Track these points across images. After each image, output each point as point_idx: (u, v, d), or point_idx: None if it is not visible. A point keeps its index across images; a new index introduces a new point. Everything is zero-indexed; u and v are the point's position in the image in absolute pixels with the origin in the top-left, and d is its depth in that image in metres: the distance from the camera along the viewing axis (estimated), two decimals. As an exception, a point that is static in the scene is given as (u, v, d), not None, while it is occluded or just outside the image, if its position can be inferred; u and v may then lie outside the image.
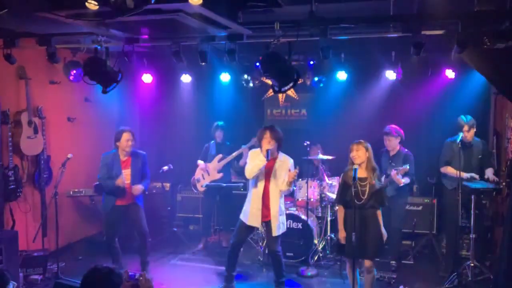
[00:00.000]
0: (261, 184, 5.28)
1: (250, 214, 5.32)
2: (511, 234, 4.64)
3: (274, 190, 5.26)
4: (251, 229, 5.45)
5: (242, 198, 6.97)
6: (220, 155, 6.95)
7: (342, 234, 4.86)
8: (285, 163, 5.27)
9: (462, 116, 5.89)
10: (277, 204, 5.26)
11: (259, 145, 5.27)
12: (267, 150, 5.09)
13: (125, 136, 5.75)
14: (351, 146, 4.81)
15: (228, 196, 7.18)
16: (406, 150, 6.18)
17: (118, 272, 2.86)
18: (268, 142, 5.14)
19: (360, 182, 4.70)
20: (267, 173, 5.25)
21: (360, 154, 4.74)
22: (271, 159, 5.18)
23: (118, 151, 5.83)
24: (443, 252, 6.55)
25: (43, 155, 6.39)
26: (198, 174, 7.11)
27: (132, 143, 5.81)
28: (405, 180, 5.89)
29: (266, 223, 5.33)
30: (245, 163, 5.49)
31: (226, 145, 7.06)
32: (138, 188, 5.80)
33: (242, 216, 5.41)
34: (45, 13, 4.07)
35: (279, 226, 5.28)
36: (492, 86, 6.21)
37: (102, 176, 5.81)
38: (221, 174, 6.96)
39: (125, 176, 5.77)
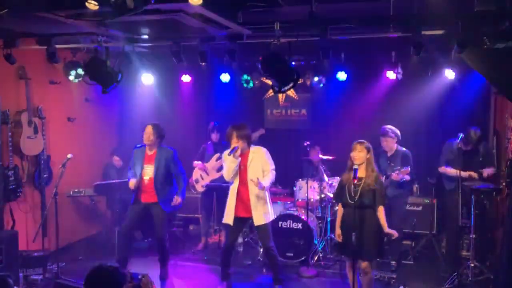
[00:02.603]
0: (236, 181, 5.32)
1: (226, 212, 5.39)
2: (511, 234, 4.63)
3: (253, 184, 5.24)
4: (232, 228, 5.37)
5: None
6: (218, 154, 6.94)
7: (337, 232, 4.91)
8: (258, 154, 5.31)
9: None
10: (258, 196, 5.27)
11: (228, 142, 5.35)
12: (234, 148, 5.17)
13: (146, 129, 5.74)
14: (353, 145, 4.80)
15: (225, 196, 7.15)
16: (403, 149, 6.18)
17: (122, 272, 2.87)
18: (235, 142, 5.19)
19: (357, 181, 4.70)
20: (242, 169, 5.29)
21: (361, 154, 4.72)
22: (242, 155, 5.24)
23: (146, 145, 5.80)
24: (443, 252, 6.55)
25: (43, 155, 6.39)
26: (196, 174, 7.09)
27: (152, 137, 5.69)
28: (405, 177, 5.88)
29: (250, 217, 5.36)
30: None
31: (222, 145, 7.04)
32: (177, 200, 5.76)
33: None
34: (45, 13, 4.08)
35: (261, 215, 5.28)
36: (492, 86, 6.21)
37: (130, 167, 5.88)
38: (220, 173, 6.94)
39: (147, 171, 5.73)
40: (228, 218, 5.36)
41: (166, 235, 5.86)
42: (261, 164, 5.31)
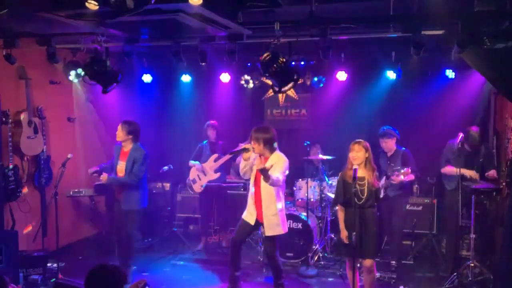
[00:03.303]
0: (252, 184, 5.21)
1: (247, 211, 5.28)
2: (511, 234, 4.64)
3: (265, 190, 5.07)
4: (250, 227, 5.24)
5: (238, 198, 6.94)
6: (216, 155, 6.92)
7: (344, 234, 4.83)
8: (277, 162, 5.01)
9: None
10: (268, 204, 5.08)
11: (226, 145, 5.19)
12: (242, 149, 5.02)
13: (118, 127, 5.71)
14: (351, 146, 4.80)
15: (224, 196, 7.15)
16: (403, 148, 6.18)
17: (123, 271, 2.87)
18: (252, 144, 5.04)
19: (359, 181, 4.70)
20: (258, 174, 5.01)
21: (359, 154, 4.72)
22: (263, 159, 5.06)
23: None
24: (443, 252, 6.55)
25: (43, 155, 6.39)
26: (193, 175, 7.07)
27: (121, 133, 5.63)
28: (409, 177, 5.88)
29: (262, 224, 5.20)
30: (240, 161, 5.38)
31: (219, 144, 7.03)
32: (104, 176, 5.67)
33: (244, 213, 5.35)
34: (45, 13, 4.08)
35: (271, 226, 5.09)
36: (492, 86, 6.21)
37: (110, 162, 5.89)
38: (218, 174, 6.93)
39: (120, 168, 5.70)
40: (249, 217, 5.21)
41: (128, 233, 5.69)
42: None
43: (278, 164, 5.00)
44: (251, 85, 7.74)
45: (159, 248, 7.13)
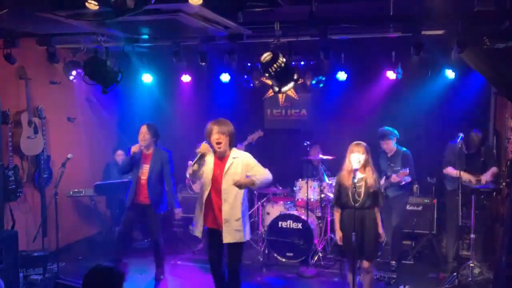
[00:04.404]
0: (207, 189, 4.55)
1: (194, 222, 4.71)
2: (511, 234, 4.64)
3: (228, 193, 4.47)
4: (215, 240, 4.62)
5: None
6: None
7: (338, 235, 4.84)
8: (241, 159, 4.53)
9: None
10: (231, 208, 4.47)
11: (208, 142, 4.59)
12: (200, 155, 4.48)
13: (141, 129, 5.67)
14: (352, 147, 4.76)
15: None
16: (403, 149, 6.18)
17: (119, 272, 2.87)
18: (216, 139, 4.50)
19: (357, 183, 4.68)
20: (217, 175, 4.52)
21: (360, 156, 4.71)
22: (223, 158, 4.57)
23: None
24: (443, 252, 6.55)
25: (43, 155, 6.39)
26: None
27: (147, 136, 5.61)
28: (406, 179, 5.90)
29: (221, 231, 4.52)
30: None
31: None
32: (178, 212, 6.01)
33: None
34: (45, 13, 4.08)
35: (231, 232, 4.47)
36: (492, 86, 6.22)
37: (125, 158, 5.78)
38: None
39: (144, 171, 5.67)
40: (196, 229, 4.68)
41: (160, 236, 5.84)
42: (242, 172, 4.47)
43: (249, 161, 4.55)
44: (251, 85, 7.74)
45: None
